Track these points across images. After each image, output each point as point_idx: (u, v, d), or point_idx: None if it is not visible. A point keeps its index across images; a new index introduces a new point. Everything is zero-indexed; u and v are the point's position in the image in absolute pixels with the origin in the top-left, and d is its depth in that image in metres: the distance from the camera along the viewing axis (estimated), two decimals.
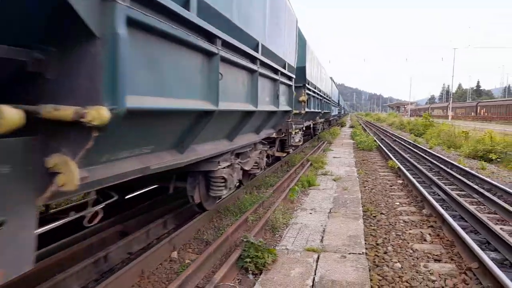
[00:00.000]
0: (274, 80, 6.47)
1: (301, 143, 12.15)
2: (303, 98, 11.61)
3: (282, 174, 9.48)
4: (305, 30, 12.17)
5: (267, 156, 8.31)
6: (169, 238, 4.37)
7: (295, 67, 8.53)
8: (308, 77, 12.35)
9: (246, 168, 6.26)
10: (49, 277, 3.43)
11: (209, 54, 3.51)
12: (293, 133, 10.22)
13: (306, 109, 12.05)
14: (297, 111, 11.10)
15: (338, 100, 38.56)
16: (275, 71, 6.48)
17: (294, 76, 8.32)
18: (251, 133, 6.15)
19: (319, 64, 16.98)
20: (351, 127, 37.18)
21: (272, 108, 6.37)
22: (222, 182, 5.01)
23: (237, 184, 5.93)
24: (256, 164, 6.85)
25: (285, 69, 7.25)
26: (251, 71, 5.06)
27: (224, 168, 4.96)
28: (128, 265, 3.61)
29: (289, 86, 7.94)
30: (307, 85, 12.18)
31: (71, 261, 3.82)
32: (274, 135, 8.93)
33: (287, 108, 7.72)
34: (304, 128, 12.81)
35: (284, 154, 11.01)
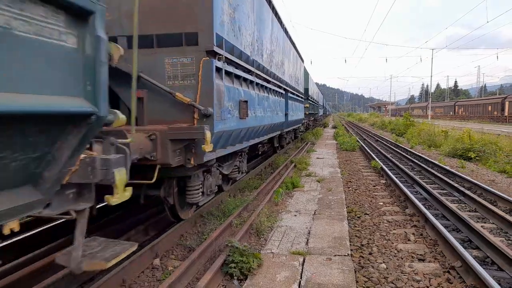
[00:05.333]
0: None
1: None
2: None
3: (266, 176, 9.43)
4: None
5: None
6: (151, 245, 4.25)
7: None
8: None
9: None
10: None
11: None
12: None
13: None
14: None
15: (306, 89, 20.28)
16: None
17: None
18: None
19: None
20: (334, 127, 37.54)
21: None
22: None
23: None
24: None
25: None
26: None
27: None
28: (108, 274, 3.48)
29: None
30: None
31: (47, 271, 3.67)
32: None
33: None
34: None
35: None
